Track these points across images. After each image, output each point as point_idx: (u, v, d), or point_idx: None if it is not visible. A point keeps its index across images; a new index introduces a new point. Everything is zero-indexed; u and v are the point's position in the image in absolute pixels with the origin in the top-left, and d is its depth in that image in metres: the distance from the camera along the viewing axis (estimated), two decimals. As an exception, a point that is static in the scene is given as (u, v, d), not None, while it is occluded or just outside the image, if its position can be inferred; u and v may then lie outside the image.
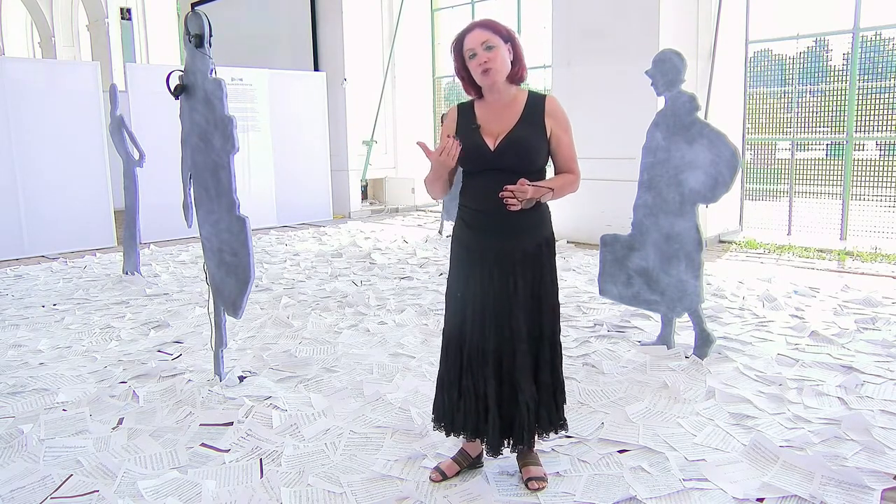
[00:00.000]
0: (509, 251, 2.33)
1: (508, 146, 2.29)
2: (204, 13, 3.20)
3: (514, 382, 2.35)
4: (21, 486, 2.53)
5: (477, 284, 2.35)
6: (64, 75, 8.05)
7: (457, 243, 2.44)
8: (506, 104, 2.36)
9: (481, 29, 2.30)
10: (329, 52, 10.79)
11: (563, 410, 2.48)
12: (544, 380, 2.39)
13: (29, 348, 4.22)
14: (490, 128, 2.33)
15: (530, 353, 2.36)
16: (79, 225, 7.97)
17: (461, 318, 2.38)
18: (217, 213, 3.29)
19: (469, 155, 2.32)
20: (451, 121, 2.43)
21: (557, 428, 2.46)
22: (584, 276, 5.88)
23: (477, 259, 2.35)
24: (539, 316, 2.37)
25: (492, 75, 2.28)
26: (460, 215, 2.42)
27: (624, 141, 6.85)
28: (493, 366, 2.34)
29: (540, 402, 2.39)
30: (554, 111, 2.36)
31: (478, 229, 2.35)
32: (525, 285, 2.34)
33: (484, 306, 2.34)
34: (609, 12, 7.24)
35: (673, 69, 3.61)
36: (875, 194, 7.09)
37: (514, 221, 2.30)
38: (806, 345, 3.93)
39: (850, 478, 2.40)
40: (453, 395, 2.41)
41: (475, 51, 2.28)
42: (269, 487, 2.49)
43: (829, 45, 7.30)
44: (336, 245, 7.94)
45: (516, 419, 2.36)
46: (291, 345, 4.14)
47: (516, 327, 2.33)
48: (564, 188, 2.37)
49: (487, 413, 2.36)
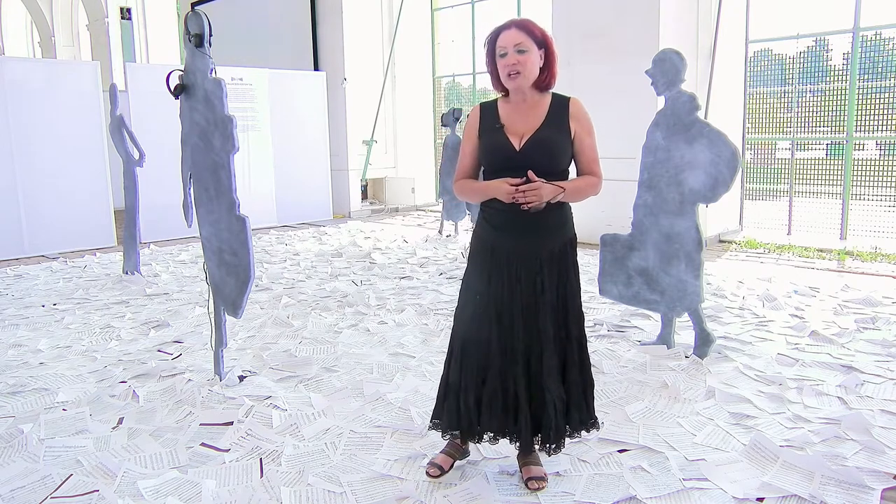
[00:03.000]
0: (536, 251, 2.32)
1: (534, 146, 2.28)
2: (204, 13, 3.20)
3: (542, 382, 2.34)
4: (21, 486, 2.52)
5: (503, 285, 2.33)
6: (64, 75, 8.05)
7: (479, 244, 2.40)
8: (531, 105, 2.35)
9: (517, 30, 2.28)
10: (329, 51, 10.79)
11: (594, 409, 2.48)
12: (573, 379, 2.39)
13: (29, 348, 4.21)
14: (515, 128, 2.32)
15: (557, 354, 2.35)
16: (79, 224, 7.97)
17: (484, 319, 2.35)
18: (217, 212, 3.29)
19: (493, 154, 2.32)
20: (474, 121, 2.41)
21: (589, 427, 2.45)
22: (585, 276, 5.86)
23: (503, 259, 2.34)
24: (566, 316, 2.37)
25: (518, 80, 2.27)
26: (484, 216, 2.39)
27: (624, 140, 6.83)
28: (523, 365, 2.33)
29: (570, 402, 2.38)
30: (578, 113, 2.36)
31: (504, 229, 2.33)
32: (551, 285, 2.34)
33: (512, 307, 2.32)
34: (609, 12, 7.24)
35: (673, 69, 3.61)
36: (875, 194, 7.09)
37: (541, 221, 2.30)
38: (806, 344, 3.93)
39: (850, 477, 2.40)
40: (469, 401, 2.35)
41: (507, 50, 2.27)
42: (269, 487, 2.49)
43: (830, 45, 7.30)
44: (336, 245, 7.94)
45: (543, 419, 2.35)
46: (291, 344, 4.14)
47: (544, 327, 2.32)
48: (583, 190, 2.35)
49: (517, 413, 2.34)
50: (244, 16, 12.22)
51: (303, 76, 10.32)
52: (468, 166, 2.43)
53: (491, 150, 2.33)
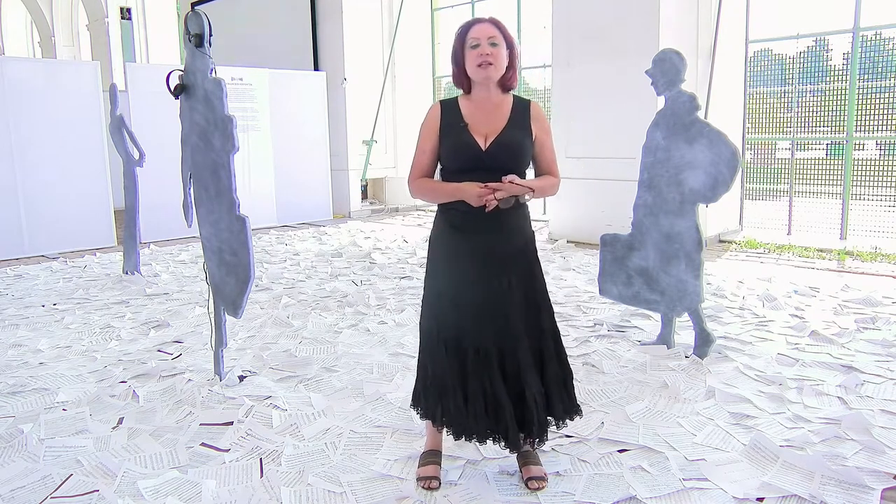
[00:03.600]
0: (501, 250, 2.33)
1: (500, 147, 2.30)
2: (204, 12, 3.20)
3: (520, 379, 2.34)
4: (21, 486, 2.52)
5: (469, 285, 2.33)
6: (64, 75, 8.04)
7: (442, 247, 2.40)
8: (494, 104, 2.36)
9: (491, 25, 2.32)
10: (329, 51, 10.79)
11: (576, 398, 2.48)
12: (553, 372, 2.39)
13: (29, 348, 4.21)
14: (479, 127, 2.32)
15: (531, 349, 2.36)
16: (79, 224, 7.96)
17: (454, 319, 2.35)
18: (217, 212, 3.29)
19: (458, 154, 2.32)
20: (434, 118, 2.38)
21: (573, 414, 2.45)
22: (584, 276, 5.88)
23: (467, 260, 2.33)
24: (537, 311, 2.38)
25: (489, 70, 2.28)
26: (445, 218, 2.38)
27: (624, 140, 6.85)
28: (497, 365, 2.33)
29: (552, 394, 2.38)
30: (538, 116, 2.41)
31: (467, 230, 2.33)
32: (519, 283, 2.35)
33: (480, 306, 2.32)
34: (609, 12, 7.23)
35: (673, 69, 3.61)
36: (875, 194, 7.09)
37: (503, 222, 2.31)
38: (806, 344, 3.93)
39: (850, 477, 2.40)
40: (459, 400, 2.34)
41: (480, 41, 2.28)
42: (269, 487, 2.49)
43: (830, 45, 7.30)
44: (336, 245, 7.94)
45: (526, 415, 2.35)
46: (291, 344, 4.14)
47: (514, 324, 2.33)
48: (546, 190, 2.40)
49: (498, 412, 2.33)
50: (244, 16, 12.22)
51: (303, 76, 10.32)
52: (427, 164, 2.40)
53: (456, 150, 2.32)
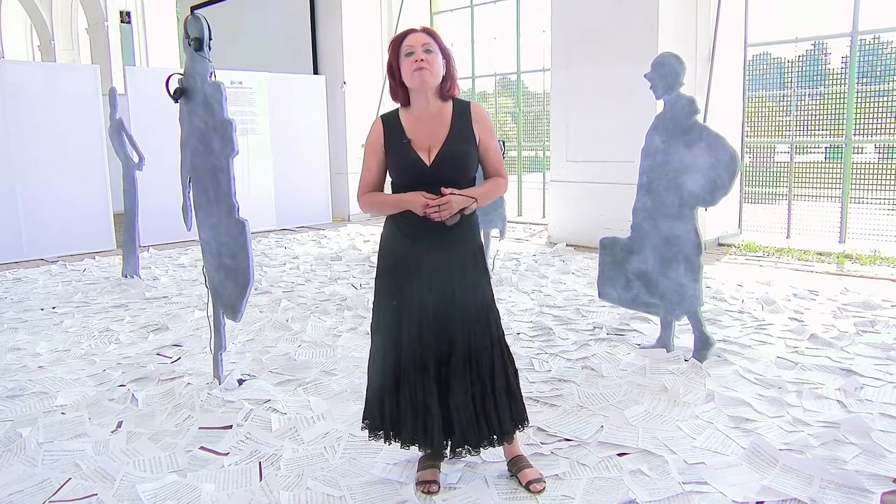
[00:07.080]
0: (448, 260, 2.33)
1: (445, 161, 2.29)
2: (203, 16, 3.20)
3: (449, 387, 2.34)
4: (20, 490, 2.52)
5: (415, 294, 2.33)
6: (63, 78, 8.05)
7: (390, 255, 2.40)
8: (434, 115, 2.34)
9: (424, 33, 2.32)
10: (328, 55, 10.80)
11: (524, 406, 2.47)
12: (500, 384, 2.38)
13: (28, 351, 4.21)
14: (421, 141, 2.32)
15: (473, 360, 2.35)
16: (78, 228, 7.96)
17: (397, 326, 2.36)
18: (216, 216, 3.29)
19: (405, 171, 2.32)
20: (378, 134, 2.37)
21: (520, 424, 2.44)
22: (584, 280, 5.88)
23: (414, 269, 2.34)
24: (487, 322, 2.37)
25: (425, 76, 2.26)
26: (397, 226, 2.38)
27: (623, 144, 6.86)
28: (434, 372, 2.33)
29: (499, 403, 2.37)
30: (481, 118, 2.38)
31: (416, 239, 2.34)
32: (464, 293, 2.34)
33: (422, 315, 2.33)
34: (608, 15, 7.25)
35: (672, 72, 3.61)
36: (874, 197, 7.09)
37: (452, 231, 2.31)
38: (805, 348, 3.93)
39: (849, 481, 2.40)
40: (393, 403, 2.38)
41: (414, 49, 2.27)
42: (269, 491, 2.49)
43: (828, 49, 7.31)
44: (335, 248, 7.94)
45: (455, 422, 2.34)
46: (290, 348, 4.13)
47: (455, 334, 2.33)
48: (492, 193, 2.39)
49: (427, 419, 2.34)
50: (244, 19, 12.24)
51: (302, 80, 10.33)
52: (373, 181, 2.40)
53: (402, 167, 2.32)
